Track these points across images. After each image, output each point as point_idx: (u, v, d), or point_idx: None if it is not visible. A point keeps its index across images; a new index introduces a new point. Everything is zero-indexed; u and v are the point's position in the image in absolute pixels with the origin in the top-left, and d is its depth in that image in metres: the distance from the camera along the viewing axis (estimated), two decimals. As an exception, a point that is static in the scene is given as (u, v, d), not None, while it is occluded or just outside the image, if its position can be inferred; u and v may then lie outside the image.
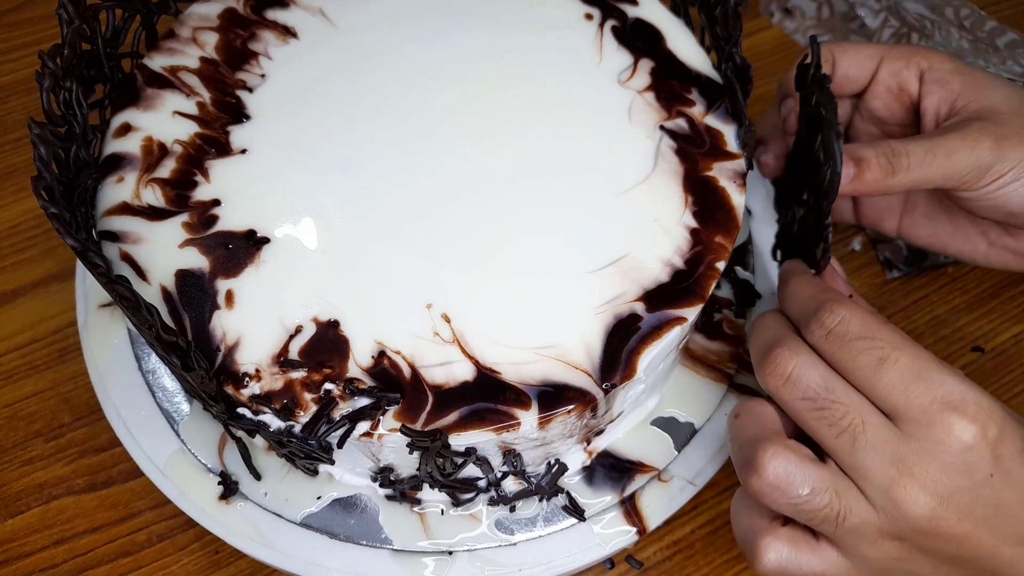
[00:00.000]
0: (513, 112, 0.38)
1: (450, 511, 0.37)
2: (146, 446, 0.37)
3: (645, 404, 0.39)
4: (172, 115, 0.37)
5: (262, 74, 0.38)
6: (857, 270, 0.50)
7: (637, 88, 0.39)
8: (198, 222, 0.34)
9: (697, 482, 0.39)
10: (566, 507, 0.37)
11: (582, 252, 0.34)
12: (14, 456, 0.43)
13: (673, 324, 0.33)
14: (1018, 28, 0.59)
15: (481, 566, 0.36)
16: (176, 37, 0.39)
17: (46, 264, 0.49)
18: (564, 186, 0.36)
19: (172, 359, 0.28)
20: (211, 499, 0.37)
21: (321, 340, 0.32)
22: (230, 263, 0.33)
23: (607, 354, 0.32)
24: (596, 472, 0.38)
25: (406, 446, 0.30)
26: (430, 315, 0.32)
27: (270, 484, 0.37)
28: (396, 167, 0.36)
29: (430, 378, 0.31)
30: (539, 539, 0.37)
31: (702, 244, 0.35)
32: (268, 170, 0.35)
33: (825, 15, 0.59)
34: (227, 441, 0.38)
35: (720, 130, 0.38)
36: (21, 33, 0.58)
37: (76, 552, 0.40)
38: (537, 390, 0.31)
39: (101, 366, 0.39)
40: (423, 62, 0.39)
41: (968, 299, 0.50)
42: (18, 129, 0.54)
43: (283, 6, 0.40)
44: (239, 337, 0.32)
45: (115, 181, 0.35)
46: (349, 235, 0.34)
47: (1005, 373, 0.48)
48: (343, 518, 0.36)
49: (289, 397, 0.31)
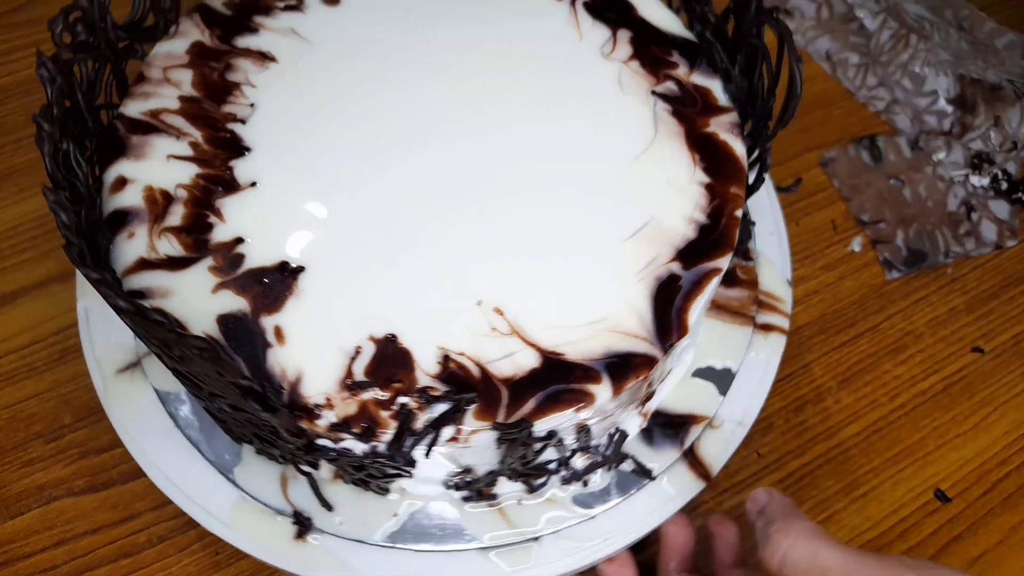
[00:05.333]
0: (509, 101, 0.38)
1: (526, 499, 0.37)
2: (206, 503, 0.36)
3: (684, 359, 0.40)
4: (166, 160, 0.35)
5: (250, 103, 0.37)
6: (857, 270, 0.51)
7: (621, 59, 0.40)
8: (225, 263, 0.33)
9: (745, 422, 0.40)
10: (634, 471, 0.38)
11: (609, 224, 0.35)
12: (14, 457, 0.43)
13: (711, 276, 0.34)
14: (1017, 29, 0.59)
15: (567, 545, 0.37)
16: (147, 80, 0.38)
17: (46, 265, 0.48)
18: (576, 163, 0.37)
19: (251, 405, 0.28)
20: (286, 540, 0.36)
21: (383, 356, 0.32)
22: (270, 299, 0.32)
23: (658, 316, 0.33)
24: (653, 432, 0.39)
25: (495, 440, 0.30)
26: (482, 311, 0.33)
27: (343, 512, 0.36)
28: (409, 171, 0.36)
29: (498, 372, 0.32)
30: (616, 507, 0.38)
31: (718, 196, 0.36)
32: (284, 199, 0.35)
33: (824, 16, 0.59)
34: (288, 480, 0.37)
35: (707, 87, 0.39)
36: (21, 34, 0.58)
37: (76, 553, 0.40)
38: (603, 363, 0.32)
39: (133, 429, 0.38)
40: (408, 65, 0.39)
41: (968, 299, 0.50)
42: (18, 130, 0.54)
43: (252, 32, 0.39)
44: (299, 370, 0.31)
45: (126, 237, 0.34)
46: (381, 247, 0.34)
47: (1005, 374, 0.48)
48: (424, 528, 0.36)
49: (366, 419, 0.30)
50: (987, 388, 0.48)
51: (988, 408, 0.47)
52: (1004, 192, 0.53)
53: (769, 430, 0.46)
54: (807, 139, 0.56)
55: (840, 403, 0.47)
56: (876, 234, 0.52)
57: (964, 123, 0.54)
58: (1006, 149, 0.54)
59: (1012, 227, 0.53)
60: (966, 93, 0.54)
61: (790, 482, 0.44)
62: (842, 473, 0.45)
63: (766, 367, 0.42)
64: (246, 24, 0.40)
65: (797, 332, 0.49)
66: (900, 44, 0.55)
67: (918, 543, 0.43)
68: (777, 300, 0.44)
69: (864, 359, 0.48)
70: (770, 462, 0.45)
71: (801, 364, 0.48)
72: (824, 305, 0.50)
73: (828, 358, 0.48)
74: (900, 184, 0.53)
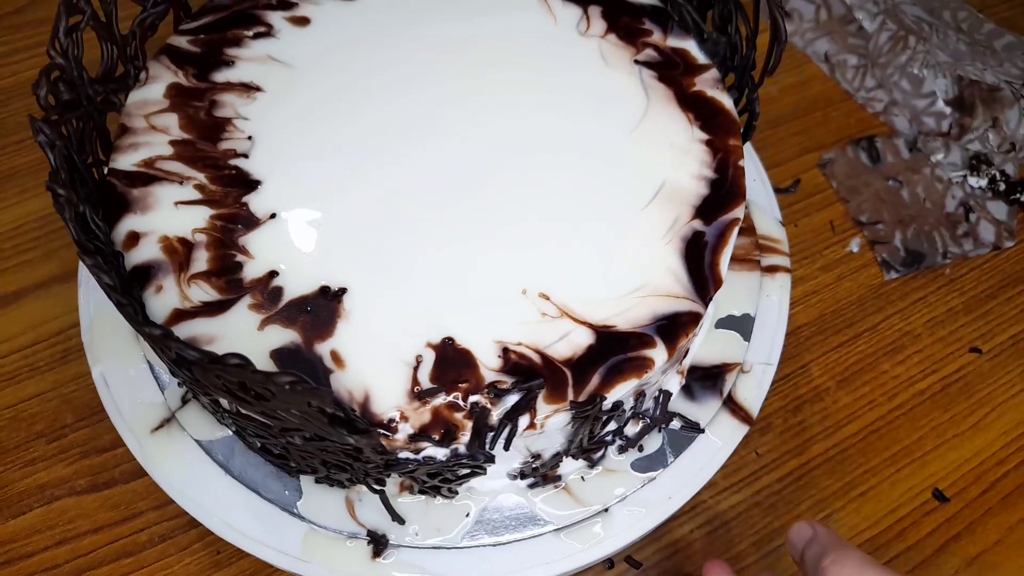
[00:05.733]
0: (504, 92, 0.38)
1: (588, 475, 0.38)
2: (275, 542, 0.36)
3: (708, 313, 0.42)
4: (175, 207, 0.35)
5: (247, 136, 0.36)
6: (855, 271, 0.51)
7: (598, 34, 0.41)
8: (264, 299, 0.33)
9: (772, 361, 0.42)
10: (683, 427, 0.39)
11: (626, 194, 0.36)
12: (16, 457, 0.43)
13: (732, 227, 0.36)
14: (1016, 30, 0.59)
15: (637, 510, 0.38)
16: (131, 131, 0.37)
17: (48, 266, 0.48)
18: (581, 142, 0.37)
19: (337, 431, 0.28)
20: (364, 560, 0.36)
21: (445, 360, 0.32)
22: (318, 325, 0.32)
23: (692, 273, 0.35)
24: (693, 388, 0.41)
25: (571, 420, 0.31)
26: (529, 299, 0.33)
27: (415, 522, 0.37)
28: (421, 174, 0.36)
29: (558, 354, 0.32)
30: (673, 465, 0.39)
31: (720, 150, 0.38)
32: (307, 224, 0.34)
33: (823, 18, 0.58)
34: (353, 502, 0.37)
35: (684, 48, 0.41)
36: (23, 35, 0.58)
37: (78, 552, 0.40)
38: (654, 327, 0.33)
39: (183, 485, 0.37)
40: (394, 71, 0.39)
41: (966, 300, 0.50)
42: (20, 131, 0.54)
43: (228, 65, 0.39)
44: (365, 390, 0.31)
45: (154, 292, 0.33)
46: (415, 253, 0.34)
47: (1003, 374, 0.48)
48: (497, 522, 0.37)
49: (443, 423, 0.31)
50: (985, 388, 0.48)
51: (986, 408, 0.47)
52: (1002, 193, 0.53)
53: (768, 430, 0.45)
54: (805, 140, 0.56)
55: (839, 403, 0.47)
56: (874, 235, 0.52)
57: (962, 124, 0.54)
58: (1004, 150, 0.54)
59: (1010, 228, 0.53)
60: (964, 94, 0.54)
61: (788, 481, 0.44)
62: (841, 473, 0.45)
63: (780, 307, 0.44)
64: (219, 58, 0.39)
65: (796, 332, 0.49)
66: (899, 46, 0.54)
67: (916, 542, 0.43)
68: (775, 241, 0.46)
69: (862, 359, 0.48)
70: (769, 461, 0.45)
71: (800, 364, 0.48)
72: (823, 305, 0.50)
73: (827, 358, 0.48)
74: (898, 185, 0.53)
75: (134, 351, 0.40)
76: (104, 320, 0.41)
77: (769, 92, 0.50)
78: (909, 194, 0.53)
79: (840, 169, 0.55)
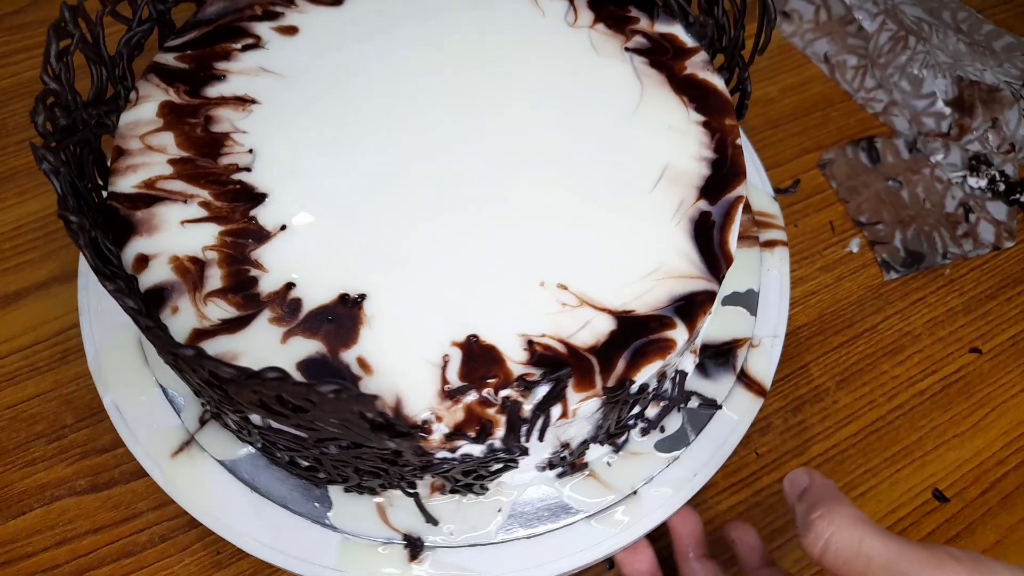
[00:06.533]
0: (500, 87, 0.39)
1: (613, 460, 0.39)
2: (311, 556, 0.36)
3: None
4: (181, 227, 0.34)
5: (248, 150, 0.36)
6: (855, 271, 0.51)
7: (586, 25, 0.41)
8: (284, 312, 0.32)
9: (779, 334, 0.43)
10: (701, 404, 0.40)
11: (631, 180, 0.37)
12: (16, 457, 0.43)
13: (736, 204, 0.36)
14: (1015, 31, 0.59)
15: (664, 490, 0.38)
16: (127, 153, 0.36)
17: (48, 266, 0.49)
18: (581, 132, 0.38)
19: (378, 436, 0.28)
20: (402, 565, 0.36)
21: (471, 357, 0.32)
22: (342, 333, 0.32)
23: (703, 252, 0.35)
24: (707, 366, 0.41)
25: (602, 406, 0.31)
26: (547, 290, 0.34)
27: (448, 522, 0.37)
28: (427, 173, 0.36)
29: (581, 343, 0.33)
30: (695, 443, 0.40)
31: (717, 130, 0.38)
32: (318, 233, 0.34)
33: (823, 18, 0.58)
34: (385, 508, 0.37)
35: (671, 33, 0.41)
36: (23, 36, 0.58)
37: (78, 553, 0.40)
38: (672, 308, 0.34)
39: (212, 508, 0.37)
40: (389, 74, 0.39)
41: (965, 300, 0.50)
42: (20, 131, 0.54)
43: (220, 79, 0.38)
44: (396, 394, 0.31)
45: (170, 314, 0.32)
46: (430, 253, 0.34)
47: (1003, 374, 0.48)
48: (530, 514, 0.37)
49: (477, 420, 0.31)
50: (985, 389, 0.48)
51: (986, 408, 0.47)
52: (1002, 193, 0.53)
53: (768, 430, 0.46)
54: (805, 141, 0.57)
55: (838, 403, 0.47)
56: (874, 235, 0.52)
57: (962, 125, 0.54)
58: (1004, 151, 0.53)
59: (1010, 228, 0.53)
60: (964, 95, 0.54)
61: None
62: (840, 473, 0.45)
63: (781, 280, 0.44)
64: (210, 73, 0.38)
65: (795, 333, 0.49)
66: (898, 46, 0.54)
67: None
68: (770, 216, 0.47)
69: (862, 360, 0.48)
70: (768, 462, 0.45)
71: (799, 364, 0.48)
72: (822, 306, 0.50)
73: (826, 359, 0.48)
74: (898, 185, 0.53)
75: (144, 376, 0.40)
76: (111, 346, 0.40)
77: (769, 92, 0.50)
78: (909, 194, 0.53)
79: (840, 169, 0.54)
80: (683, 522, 0.38)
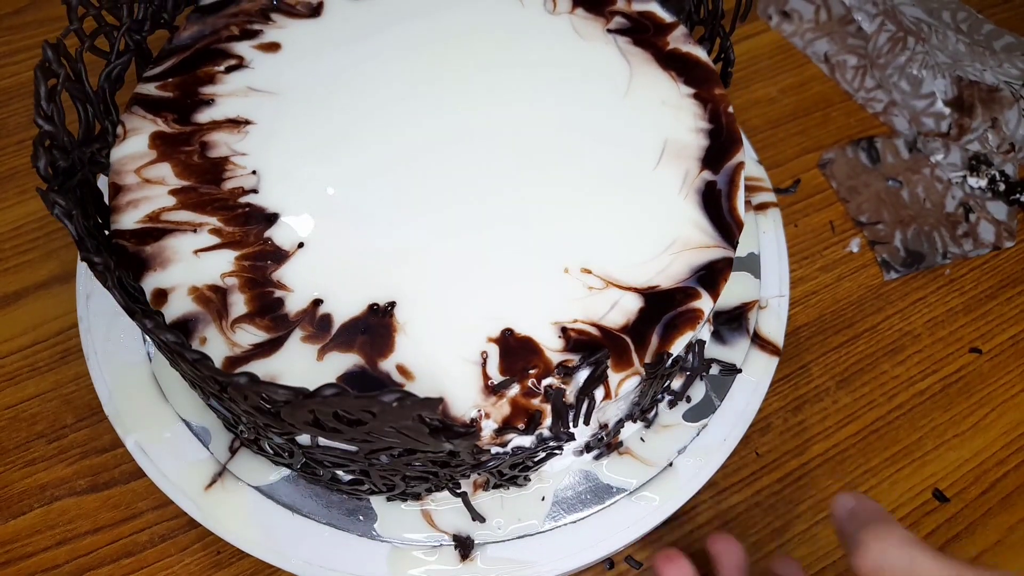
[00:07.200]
0: (491, 80, 0.39)
1: (646, 435, 0.39)
2: (367, 570, 0.36)
3: (718, 258, 0.43)
4: (195, 256, 0.34)
5: (252, 171, 0.36)
6: (855, 271, 0.51)
7: (566, 11, 0.41)
8: (316, 329, 0.32)
9: (784, 292, 0.44)
10: (722, 371, 0.41)
11: (634, 158, 0.37)
12: (16, 457, 0.43)
13: (739, 171, 0.37)
14: (1015, 31, 0.58)
15: (698, 459, 0.39)
16: (125, 189, 0.35)
17: (48, 266, 0.48)
18: (578, 115, 0.38)
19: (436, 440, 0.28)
20: (454, 564, 0.36)
21: (509, 351, 0.32)
22: (378, 343, 0.32)
23: (715, 221, 0.36)
24: (721, 332, 0.42)
25: (640, 382, 0.32)
26: (572, 276, 0.34)
27: (494, 517, 0.37)
28: (435, 172, 0.36)
29: (613, 323, 0.33)
30: (720, 409, 0.40)
31: (709, 100, 0.39)
32: (339, 246, 0.34)
33: (823, 18, 0.58)
34: (431, 513, 0.37)
35: (649, 10, 0.42)
36: (23, 36, 0.58)
37: (78, 553, 0.40)
38: (695, 279, 0.34)
39: (257, 538, 0.36)
40: (381, 78, 0.38)
41: (965, 300, 0.50)
42: (20, 131, 0.53)
43: (208, 104, 0.38)
44: (441, 396, 0.31)
45: (199, 345, 0.32)
46: (454, 253, 0.34)
47: (1003, 374, 0.48)
48: (573, 499, 0.38)
49: (523, 412, 0.31)
50: (985, 388, 0.48)
51: (986, 408, 0.47)
52: (1002, 193, 0.53)
53: (768, 430, 0.45)
54: (805, 141, 0.56)
55: (838, 403, 0.47)
56: (874, 235, 0.52)
57: (962, 125, 0.53)
58: (1003, 151, 0.53)
59: (1010, 228, 0.53)
60: (964, 95, 0.53)
61: (788, 482, 0.44)
62: (840, 473, 0.44)
63: (778, 240, 0.46)
64: (198, 99, 0.38)
65: (795, 333, 0.49)
66: (898, 46, 0.54)
67: (917, 543, 0.44)
68: (758, 180, 0.48)
69: (862, 360, 0.48)
70: (768, 462, 0.44)
71: (799, 364, 0.48)
72: (822, 306, 0.50)
73: (826, 359, 0.48)
74: (898, 185, 0.53)
75: (164, 412, 0.39)
76: (124, 386, 0.39)
77: (769, 92, 0.49)
78: (909, 194, 0.52)
79: (840, 169, 0.54)
80: (728, 553, 0.36)
